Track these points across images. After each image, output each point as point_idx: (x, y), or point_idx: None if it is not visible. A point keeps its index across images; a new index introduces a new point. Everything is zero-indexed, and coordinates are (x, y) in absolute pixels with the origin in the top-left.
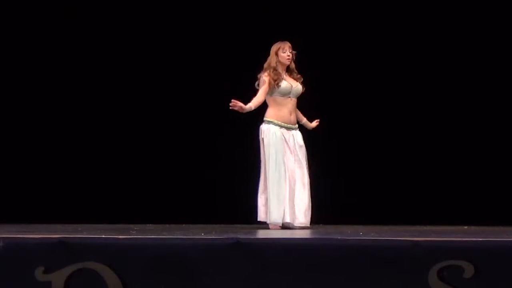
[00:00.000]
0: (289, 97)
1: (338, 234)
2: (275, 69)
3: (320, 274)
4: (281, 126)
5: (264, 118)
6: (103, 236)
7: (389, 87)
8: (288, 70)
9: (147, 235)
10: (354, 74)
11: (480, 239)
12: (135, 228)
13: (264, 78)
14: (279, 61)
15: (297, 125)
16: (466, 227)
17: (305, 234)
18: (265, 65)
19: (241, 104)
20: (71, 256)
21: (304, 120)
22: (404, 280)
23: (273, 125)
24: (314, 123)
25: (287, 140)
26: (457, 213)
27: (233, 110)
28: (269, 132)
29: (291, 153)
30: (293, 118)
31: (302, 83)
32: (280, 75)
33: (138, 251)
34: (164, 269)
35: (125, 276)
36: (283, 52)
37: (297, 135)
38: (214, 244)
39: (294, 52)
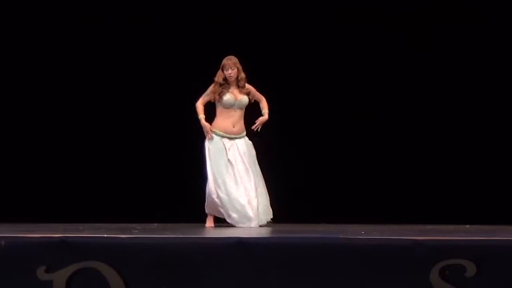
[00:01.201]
0: (234, 109)
1: (340, 233)
2: (219, 84)
3: (322, 273)
4: (223, 136)
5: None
6: (105, 235)
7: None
8: (237, 83)
9: (149, 235)
10: (341, 75)
11: (482, 238)
12: (137, 228)
13: (208, 90)
14: (226, 77)
15: (242, 134)
16: (468, 226)
17: (307, 233)
18: (215, 78)
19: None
20: (72, 255)
21: (263, 111)
22: (406, 279)
23: (215, 135)
24: (254, 126)
25: (227, 149)
26: (459, 212)
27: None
28: (210, 142)
29: (229, 161)
30: (236, 129)
31: (249, 95)
32: (224, 89)
33: (140, 250)
34: (166, 268)
35: (127, 275)
36: (226, 71)
37: (240, 144)
38: (216, 243)
39: (240, 66)
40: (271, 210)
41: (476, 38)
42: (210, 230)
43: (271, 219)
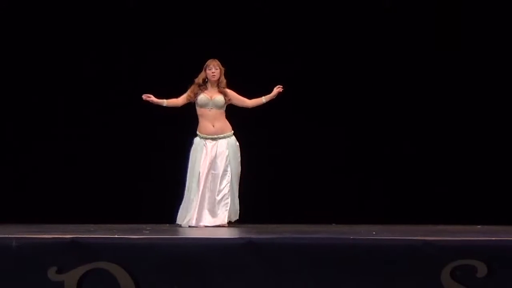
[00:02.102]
0: (209, 108)
1: (352, 233)
2: (199, 84)
3: (333, 273)
4: (205, 138)
5: None
6: (116, 236)
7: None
8: (217, 84)
9: (160, 235)
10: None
11: (493, 239)
12: (148, 228)
13: (189, 89)
14: (207, 77)
15: (225, 134)
16: (479, 226)
17: (318, 233)
18: (195, 79)
19: (153, 98)
20: (83, 256)
21: (263, 99)
22: (417, 280)
23: (198, 138)
24: (276, 90)
25: (208, 151)
26: (470, 213)
27: (146, 102)
28: (194, 143)
29: (210, 163)
30: (216, 128)
31: (226, 96)
32: (200, 90)
33: (151, 251)
34: (177, 269)
35: (137, 276)
36: (209, 69)
37: (221, 144)
38: (227, 244)
39: (222, 68)
40: (238, 210)
41: (474, 37)
42: (217, 229)
43: (235, 220)
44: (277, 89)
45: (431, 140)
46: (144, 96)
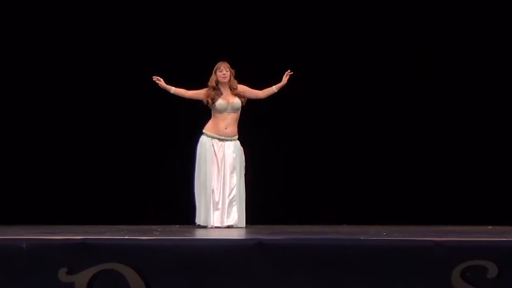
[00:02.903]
0: (227, 112)
1: (362, 234)
2: (213, 88)
3: (343, 274)
4: (213, 137)
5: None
6: (126, 237)
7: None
8: (229, 86)
9: (170, 236)
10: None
11: (504, 239)
12: (158, 229)
13: (203, 90)
14: (218, 79)
15: (234, 137)
16: (490, 227)
17: (328, 234)
18: (208, 82)
19: (162, 82)
20: (94, 257)
21: (274, 88)
22: (428, 280)
23: (205, 136)
24: (285, 78)
25: (216, 151)
26: (480, 213)
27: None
28: (200, 143)
29: (218, 164)
30: (228, 131)
31: (241, 97)
32: (217, 95)
33: (161, 252)
34: (187, 270)
35: (148, 277)
36: (220, 71)
37: (229, 145)
38: (236, 245)
39: (232, 70)
40: (244, 215)
41: (473, 40)
42: (227, 230)
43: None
44: (286, 76)
45: (441, 141)
46: (155, 78)
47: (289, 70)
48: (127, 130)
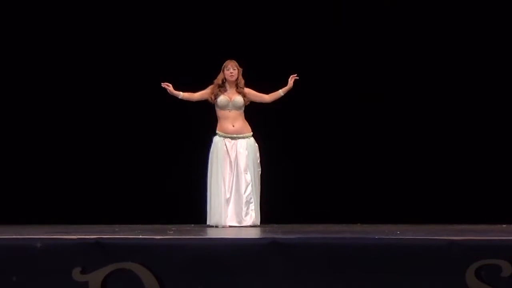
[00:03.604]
0: (228, 109)
1: (376, 233)
2: (218, 85)
3: (358, 273)
4: (224, 137)
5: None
6: (140, 236)
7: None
8: (236, 84)
9: (184, 236)
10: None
11: None
12: (172, 229)
13: (209, 88)
14: (225, 78)
15: (245, 134)
16: (504, 225)
17: (342, 233)
18: (215, 80)
19: (171, 88)
20: (108, 257)
21: (281, 92)
22: (442, 279)
23: (217, 136)
24: (291, 81)
25: (229, 151)
26: (494, 212)
27: (164, 88)
28: (213, 143)
29: (231, 163)
30: (236, 128)
31: (245, 96)
32: (220, 92)
33: (175, 251)
34: (201, 269)
35: (162, 277)
36: (227, 70)
37: (241, 143)
38: (251, 244)
39: (240, 68)
40: (259, 212)
41: (477, 38)
42: (241, 230)
43: (258, 224)
44: (292, 79)
45: (455, 140)
46: (164, 84)
47: (294, 75)
48: (142, 129)
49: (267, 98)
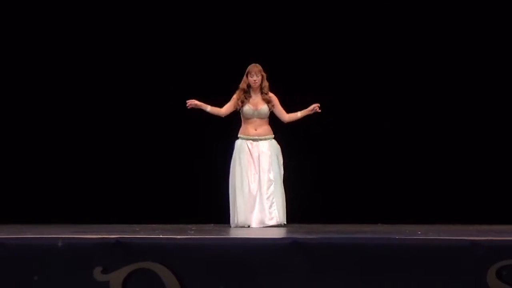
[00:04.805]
0: (254, 118)
1: (397, 233)
2: (244, 90)
3: (378, 273)
4: (246, 139)
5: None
6: (161, 236)
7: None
8: (260, 90)
9: (205, 235)
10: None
11: None
12: (193, 228)
13: (234, 96)
14: (249, 83)
15: (267, 136)
16: None
17: (363, 233)
18: (240, 85)
19: (196, 102)
20: (128, 256)
21: (299, 114)
22: (463, 280)
23: (240, 139)
24: (312, 107)
25: (251, 151)
26: None
27: (192, 109)
28: (235, 146)
29: (254, 163)
30: (259, 131)
31: (269, 103)
32: (246, 98)
33: (196, 251)
34: (222, 269)
35: (182, 276)
36: (251, 77)
37: (263, 144)
38: (272, 244)
39: (264, 74)
40: (285, 213)
41: (471, 36)
42: (262, 230)
43: (284, 223)
44: (313, 107)
45: (476, 140)
46: (188, 103)
47: (317, 105)
48: (164, 130)
49: (285, 117)
